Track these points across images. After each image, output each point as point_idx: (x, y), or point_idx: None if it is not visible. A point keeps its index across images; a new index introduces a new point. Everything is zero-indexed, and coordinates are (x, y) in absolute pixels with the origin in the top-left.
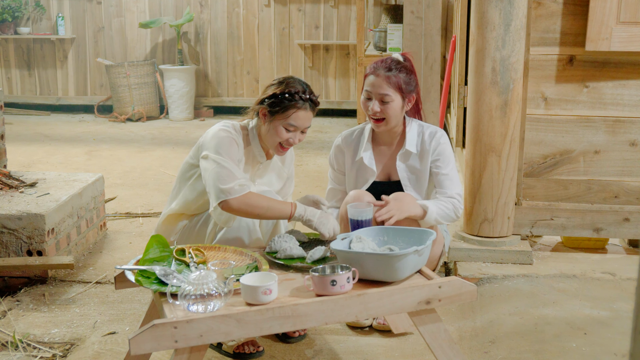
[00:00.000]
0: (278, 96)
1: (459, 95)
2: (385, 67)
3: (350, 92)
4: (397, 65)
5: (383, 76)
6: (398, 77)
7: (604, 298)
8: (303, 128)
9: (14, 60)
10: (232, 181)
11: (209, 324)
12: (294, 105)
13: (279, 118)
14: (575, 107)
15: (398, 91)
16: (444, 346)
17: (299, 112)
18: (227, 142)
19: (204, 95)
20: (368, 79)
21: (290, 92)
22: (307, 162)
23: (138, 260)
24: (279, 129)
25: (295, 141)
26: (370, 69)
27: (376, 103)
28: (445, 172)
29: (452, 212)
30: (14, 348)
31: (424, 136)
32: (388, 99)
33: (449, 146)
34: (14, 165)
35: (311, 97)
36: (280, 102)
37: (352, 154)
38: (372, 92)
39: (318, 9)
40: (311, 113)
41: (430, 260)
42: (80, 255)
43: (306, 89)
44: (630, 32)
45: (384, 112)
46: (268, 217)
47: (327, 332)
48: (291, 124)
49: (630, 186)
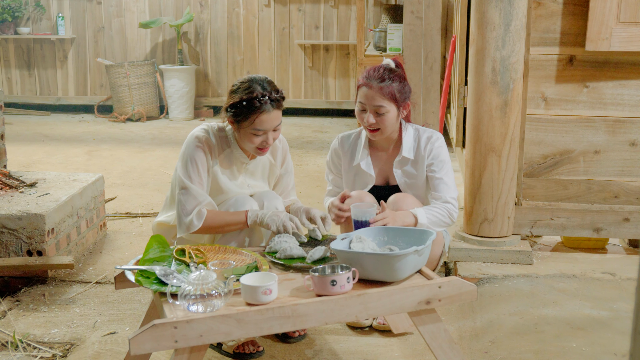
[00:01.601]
0: (237, 105)
1: (459, 95)
2: (377, 78)
3: (350, 92)
4: (390, 75)
5: (376, 87)
6: (391, 87)
7: (604, 298)
8: (272, 128)
9: (14, 60)
10: (192, 211)
11: (209, 324)
12: (255, 111)
13: (245, 126)
14: (575, 107)
15: (392, 101)
16: (444, 346)
17: (261, 116)
18: (192, 160)
19: (204, 95)
20: (361, 90)
21: (248, 99)
22: (307, 162)
23: (138, 260)
24: (249, 135)
25: (269, 142)
26: (363, 79)
27: (371, 115)
28: (440, 176)
29: (446, 218)
30: (14, 348)
31: (420, 141)
32: (383, 110)
33: (444, 150)
34: (14, 165)
35: (271, 96)
36: (241, 111)
37: (349, 158)
38: (366, 104)
39: (318, 9)
40: (276, 111)
41: (430, 261)
42: (80, 255)
43: (265, 90)
44: (630, 32)
45: (380, 123)
46: (229, 230)
47: (327, 332)
48: (258, 129)
49: (630, 186)
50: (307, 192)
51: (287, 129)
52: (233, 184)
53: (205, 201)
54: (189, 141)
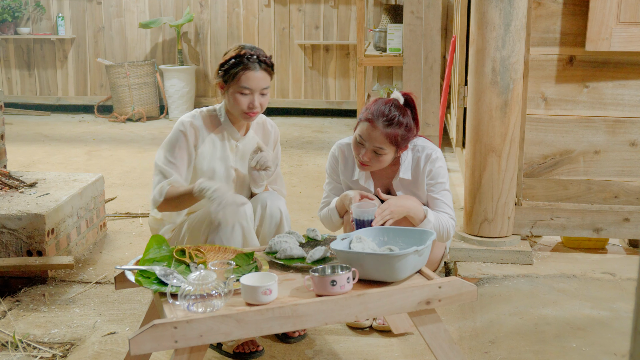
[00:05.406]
0: (226, 63)
1: (459, 95)
2: (385, 120)
3: (350, 92)
4: (399, 118)
5: (381, 130)
6: (396, 132)
7: (604, 298)
8: (259, 89)
9: (14, 60)
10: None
11: (209, 324)
12: (242, 69)
13: (233, 85)
14: (575, 107)
15: (393, 145)
16: (444, 346)
17: (247, 72)
18: (169, 142)
19: (204, 95)
20: (364, 125)
21: (236, 55)
22: (307, 162)
23: (138, 261)
24: (235, 96)
25: (256, 104)
26: (369, 114)
27: (368, 153)
28: (439, 197)
29: (445, 231)
30: (14, 348)
31: (419, 161)
32: (382, 152)
33: (443, 169)
34: (14, 165)
35: (259, 57)
36: (229, 69)
37: (348, 172)
38: (366, 141)
39: (318, 9)
40: (263, 73)
41: (432, 261)
42: (80, 255)
43: (253, 50)
44: (630, 32)
45: (373, 162)
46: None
47: (327, 332)
48: (244, 87)
49: (630, 186)
50: (307, 192)
51: (287, 129)
52: (221, 163)
53: (171, 177)
54: (169, 136)
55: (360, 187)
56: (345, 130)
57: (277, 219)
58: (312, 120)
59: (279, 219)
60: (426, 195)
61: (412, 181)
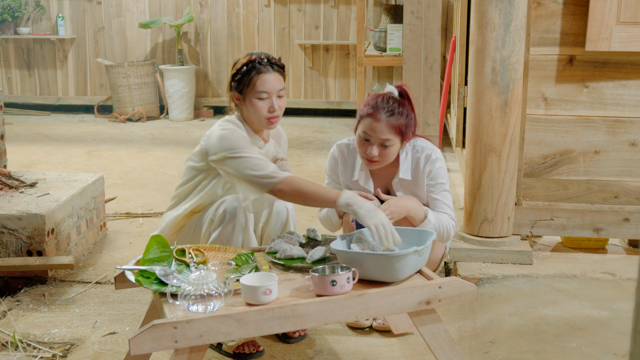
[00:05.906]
0: (239, 72)
1: (459, 95)
2: (387, 111)
3: (350, 92)
4: (399, 109)
5: (385, 121)
6: (400, 121)
7: (604, 298)
8: (275, 92)
9: (14, 60)
10: (268, 167)
11: (209, 324)
12: (256, 73)
13: (249, 92)
14: (575, 107)
15: (399, 135)
16: (444, 346)
17: (262, 76)
18: (237, 137)
19: (204, 95)
20: (367, 121)
21: (247, 62)
22: (307, 162)
23: (138, 261)
24: (254, 102)
25: (276, 107)
26: (369, 109)
27: (375, 148)
28: (439, 198)
29: (445, 231)
30: (14, 348)
31: (418, 161)
32: (389, 144)
33: (443, 170)
34: (14, 165)
35: (269, 59)
36: (243, 77)
37: (348, 172)
38: (372, 136)
39: (318, 9)
40: (276, 75)
41: (432, 261)
42: (80, 255)
43: (263, 55)
44: (630, 32)
45: (382, 156)
46: (314, 201)
47: (327, 332)
48: (261, 91)
49: (630, 186)
50: None
51: (287, 129)
52: None
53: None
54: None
55: (359, 187)
56: (346, 130)
57: (284, 218)
58: (312, 120)
59: (285, 218)
60: (426, 196)
61: (412, 182)
